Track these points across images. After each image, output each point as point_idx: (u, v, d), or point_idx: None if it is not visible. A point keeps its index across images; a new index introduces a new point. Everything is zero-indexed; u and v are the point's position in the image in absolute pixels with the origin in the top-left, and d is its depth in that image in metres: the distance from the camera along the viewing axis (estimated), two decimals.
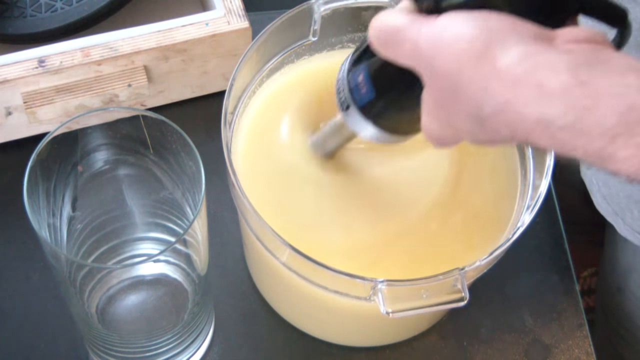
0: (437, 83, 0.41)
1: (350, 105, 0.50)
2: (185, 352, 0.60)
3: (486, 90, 0.38)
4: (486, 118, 0.39)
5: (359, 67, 0.48)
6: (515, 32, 0.38)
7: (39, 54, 0.65)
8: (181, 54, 0.68)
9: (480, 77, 0.38)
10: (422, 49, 0.40)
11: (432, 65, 0.40)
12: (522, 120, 0.37)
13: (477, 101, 0.39)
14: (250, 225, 0.54)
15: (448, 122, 0.42)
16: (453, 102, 0.40)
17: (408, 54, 0.41)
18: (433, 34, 0.40)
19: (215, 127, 0.55)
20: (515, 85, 0.37)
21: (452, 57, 0.39)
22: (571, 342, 0.66)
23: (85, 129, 0.51)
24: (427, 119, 0.43)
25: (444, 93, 0.41)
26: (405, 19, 0.41)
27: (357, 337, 0.65)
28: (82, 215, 0.55)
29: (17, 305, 0.64)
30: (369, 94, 0.48)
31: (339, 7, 0.60)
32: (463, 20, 0.39)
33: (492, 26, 0.38)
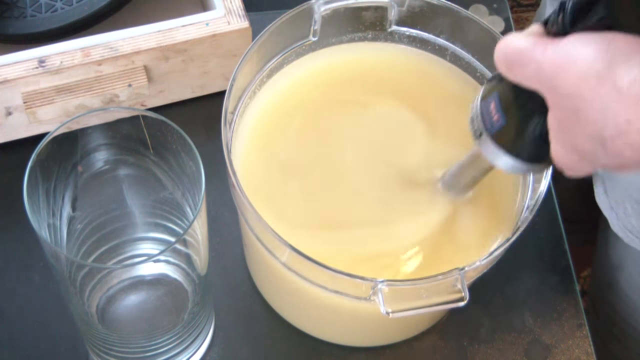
0: (560, 105, 0.41)
1: (483, 133, 0.50)
2: (185, 352, 0.60)
3: (607, 111, 0.38)
4: (608, 139, 0.39)
5: (491, 95, 0.48)
6: (638, 52, 0.38)
7: (39, 54, 0.65)
8: (181, 54, 0.68)
9: (601, 97, 0.38)
10: (545, 70, 0.41)
11: (555, 87, 0.40)
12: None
13: (598, 122, 0.39)
14: (250, 225, 0.54)
15: (572, 145, 0.42)
16: (575, 124, 0.40)
17: (532, 75, 0.42)
18: (556, 54, 0.40)
19: (216, 127, 0.55)
20: (636, 105, 0.37)
21: (573, 77, 0.39)
22: (571, 342, 0.66)
23: (85, 129, 0.51)
24: (554, 144, 0.43)
25: (566, 114, 0.41)
26: (530, 41, 0.42)
27: (357, 337, 0.65)
28: (82, 215, 0.55)
29: (17, 305, 0.64)
30: (500, 121, 0.48)
31: (339, 7, 0.60)
32: (587, 41, 0.39)
33: (615, 46, 0.38)
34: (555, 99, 0.41)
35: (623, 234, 0.69)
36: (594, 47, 0.39)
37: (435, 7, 0.61)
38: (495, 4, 0.81)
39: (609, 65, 0.38)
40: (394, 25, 0.63)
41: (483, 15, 0.79)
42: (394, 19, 0.62)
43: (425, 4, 0.60)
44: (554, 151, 0.44)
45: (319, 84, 0.62)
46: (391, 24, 0.63)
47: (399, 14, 0.62)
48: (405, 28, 0.63)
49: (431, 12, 0.61)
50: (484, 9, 0.80)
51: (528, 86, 0.43)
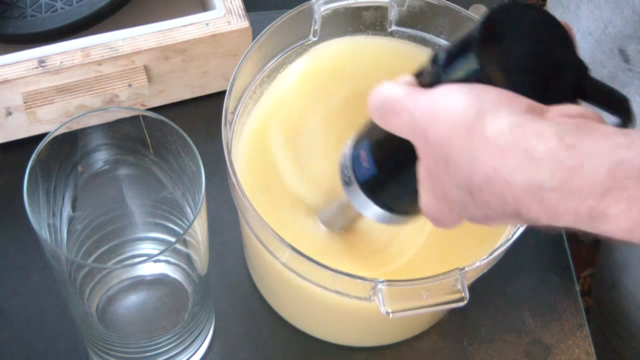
0: (430, 153, 0.41)
1: (352, 181, 0.49)
2: (185, 352, 0.60)
3: (475, 159, 0.38)
4: (476, 188, 0.39)
5: (362, 143, 0.48)
6: (507, 103, 0.38)
7: (39, 54, 0.65)
8: (181, 54, 0.68)
9: (470, 145, 0.38)
10: (417, 119, 0.41)
11: (425, 135, 0.40)
12: (510, 188, 0.37)
13: (466, 170, 0.39)
14: (251, 226, 0.54)
15: (442, 195, 0.42)
16: (445, 173, 0.40)
17: (405, 124, 0.42)
18: (428, 103, 0.40)
19: (216, 127, 0.55)
20: (502, 153, 0.37)
21: (444, 126, 0.39)
22: (571, 342, 0.66)
23: (85, 129, 0.51)
24: (423, 194, 0.43)
25: (436, 163, 0.41)
26: (404, 90, 0.42)
27: (357, 337, 0.65)
28: (82, 215, 0.55)
29: (17, 305, 0.64)
30: (370, 169, 0.48)
31: (339, 7, 0.60)
32: (457, 91, 0.40)
33: (486, 97, 0.39)
34: (425, 147, 0.41)
35: None
36: (465, 97, 0.39)
37: (435, 7, 0.61)
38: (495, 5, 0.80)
39: (478, 115, 0.38)
40: (394, 25, 0.63)
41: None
42: (394, 19, 0.62)
43: (426, 4, 0.60)
44: (423, 202, 0.44)
45: (319, 84, 0.62)
46: (391, 24, 0.62)
47: (399, 13, 0.62)
48: (406, 28, 0.63)
49: (431, 12, 0.61)
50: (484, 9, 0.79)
51: (400, 135, 0.42)
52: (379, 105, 0.43)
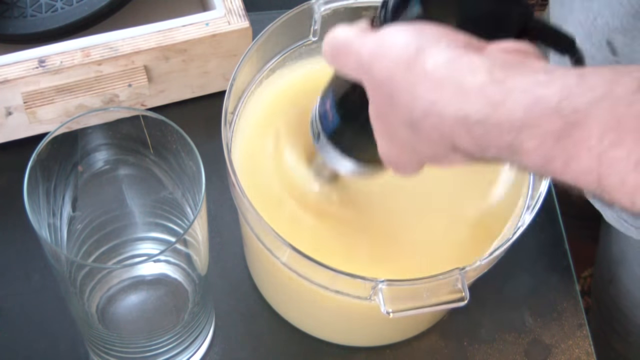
0: (376, 93, 0.42)
1: (320, 134, 0.51)
2: (185, 352, 0.60)
3: (414, 93, 0.39)
4: (417, 122, 0.40)
5: (326, 97, 0.50)
6: (447, 39, 0.40)
7: (39, 54, 0.65)
8: (181, 54, 0.68)
9: (410, 80, 0.40)
10: (364, 58, 0.42)
11: (371, 74, 0.42)
12: (444, 121, 0.39)
13: (407, 105, 0.40)
14: (251, 225, 0.54)
15: (390, 135, 0.43)
16: (390, 111, 0.42)
17: (353, 64, 0.43)
18: (374, 42, 0.42)
19: (216, 127, 0.55)
20: (438, 86, 0.39)
21: (387, 63, 0.41)
22: (571, 342, 0.66)
23: (85, 129, 0.51)
24: (377, 138, 0.45)
25: (382, 102, 0.42)
26: (354, 32, 0.44)
27: (357, 337, 0.65)
28: (82, 215, 0.55)
29: (17, 305, 0.64)
30: (334, 121, 0.49)
31: (340, 7, 0.60)
32: (400, 29, 0.41)
33: (426, 33, 0.40)
34: (372, 87, 0.42)
35: (618, 224, 0.69)
36: (406, 34, 0.41)
37: None
38: None
39: (417, 50, 0.40)
40: None
41: None
42: None
43: None
44: (379, 146, 0.45)
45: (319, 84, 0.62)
46: None
47: None
48: None
49: None
50: None
51: (351, 77, 0.44)
52: (331, 47, 0.44)
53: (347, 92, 0.47)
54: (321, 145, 0.51)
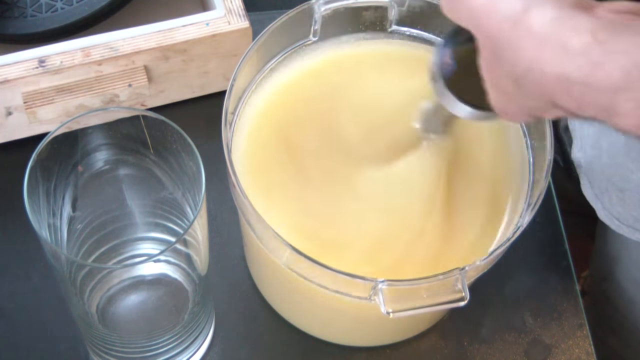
0: (485, 45, 0.44)
1: (438, 77, 0.52)
2: (185, 352, 0.60)
3: (519, 50, 0.41)
4: (520, 78, 0.41)
5: (448, 42, 0.51)
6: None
7: (40, 54, 0.65)
8: (181, 54, 0.68)
9: (515, 37, 0.41)
10: (473, 11, 0.43)
11: (480, 27, 0.43)
12: (546, 78, 0.40)
13: (512, 60, 0.41)
14: (251, 225, 0.54)
15: (497, 86, 0.45)
16: (497, 64, 0.43)
17: (465, 15, 0.45)
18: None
19: (216, 127, 0.55)
20: (541, 45, 0.40)
21: (495, 19, 0.42)
22: (571, 342, 0.66)
23: (85, 129, 0.51)
24: (487, 86, 0.46)
25: (490, 55, 0.44)
26: None
27: (357, 337, 0.65)
28: (82, 215, 0.55)
29: (17, 305, 0.64)
30: (452, 65, 0.50)
31: (340, 7, 0.60)
32: None
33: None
34: (482, 39, 0.44)
35: (610, 222, 0.70)
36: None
37: (435, 6, 0.61)
38: None
39: (525, 7, 0.41)
40: (394, 25, 0.63)
41: None
42: (394, 19, 0.62)
43: (426, 3, 0.60)
44: (489, 95, 0.46)
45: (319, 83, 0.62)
46: (391, 23, 0.63)
47: (399, 13, 0.62)
48: (406, 28, 0.63)
49: (432, 11, 0.61)
50: None
51: (463, 25, 0.45)
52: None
53: (462, 40, 0.49)
54: (438, 88, 0.52)
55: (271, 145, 0.60)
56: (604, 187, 0.68)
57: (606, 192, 0.68)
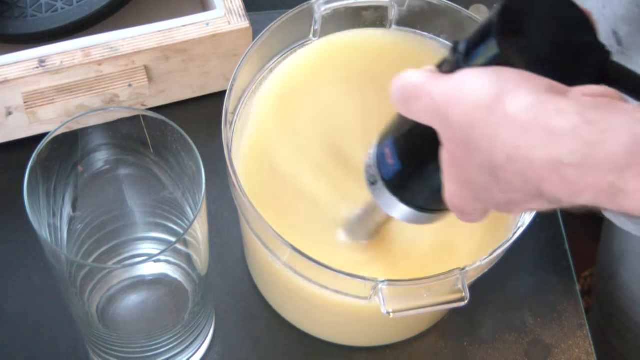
0: (451, 137, 0.41)
1: (378, 180, 0.49)
2: (185, 352, 0.60)
3: (496, 138, 0.38)
4: (498, 168, 0.39)
5: (386, 140, 0.48)
6: (528, 83, 0.38)
7: (40, 54, 0.65)
8: (182, 54, 0.68)
9: (490, 124, 0.38)
10: (437, 102, 0.41)
11: (446, 119, 0.40)
12: (531, 165, 0.37)
13: (487, 150, 0.39)
14: (251, 225, 0.54)
15: (464, 180, 0.42)
16: (467, 155, 0.40)
17: (425, 108, 0.42)
18: (449, 86, 0.40)
19: (216, 127, 0.55)
20: (523, 130, 0.37)
21: (464, 108, 0.39)
22: (571, 342, 0.66)
23: (85, 129, 0.51)
24: (447, 182, 0.43)
25: (458, 146, 0.41)
26: (425, 75, 0.42)
27: (357, 337, 0.65)
28: (82, 215, 0.55)
29: (17, 305, 0.64)
30: (395, 165, 0.47)
31: (340, 7, 0.60)
32: (477, 72, 0.40)
33: (506, 77, 0.39)
34: (447, 131, 0.41)
35: (615, 219, 0.70)
36: (485, 77, 0.39)
37: (435, 6, 0.61)
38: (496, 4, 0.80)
39: (498, 94, 0.38)
40: (395, 25, 0.63)
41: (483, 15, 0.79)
42: (395, 19, 0.62)
43: (426, 3, 0.60)
44: (447, 192, 0.44)
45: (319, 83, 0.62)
46: (391, 23, 0.62)
47: (399, 13, 0.62)
48: (406, 28, 0.63)
49: (431, 11, 0.61)
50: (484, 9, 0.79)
51: (422, 121, 0.42)
52: (400, 90, 0.43)
53: (411, 138, 0.46)
54: (377, 191, 0.49)
55: (271, 144, 0.60)
56: None
57: None
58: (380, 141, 0.49)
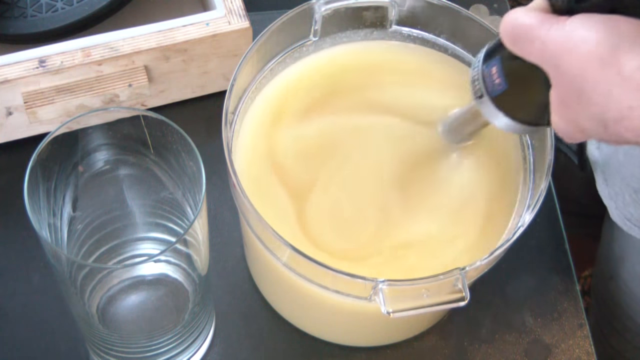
0: (563, 83, 0.42)
1: (484, 95, 0.51)
2: (185, 352, 0.60)
3: (610, 96, 0.39)
4: (610, 122, 0.40)
5: (494, 59, 0.50)
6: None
7: (40, 54, 0.65)
8: (182, 54, 0.68)
9: (605, 81, 0.39)
10: (549, 49, 0.41)
11: (558, 66, 0.41)
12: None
13: (601, 105, 0.39)
14: (251, 225, 0.54)
15: (573, 121, 0.43)
16: (578, 104, 0.41)
17: (536, 52, 0.43)
18: (561, 35, 0.41)
19: (216, 127, 0.55)
20: (638, 92, 0.38)
21: (577, 60, 0.40)
22: (572, 342, 0.66)
23: (85, 129, 0.51)
24: (554, 116, 0.45)
25: (569, 94, 0.42)
26: (536, 18, 0.43)
27: (357, 337, 0.65)
28: (82, 215, 0.55)
29: (17, 305, 0.64)
30: (501, 85, 0.49)
31: (340, 7, 0.60)
32: (592, 24, 0.40)
33: (621, 31, 0.39)
34: (558, 77, 0.42)
35: (622, 223, 0.70)
36: (599, 31, 0.39)
37: (435, 7, 0.61)
38: (496, 4, 0.81)
39: (613, 50, 0.39)
40: (395, 25, 0.63)
41: (484, 15, 0.79)
42: (395, 19, 0.62)
43: (426, 4, 0.60)
44: (554, 122, 0.45)
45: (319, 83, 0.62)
46: (392, 23, 0.63)
47: (399, 13, 0.62)
48: (406, 28, 0.63)
49: (432, 12, 0.61)
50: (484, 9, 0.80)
51: (531, 60, 0.44)
52: (511, 30, 0.44)
53: (520, 66, 0.47)
54: (483, 104, 0.51)
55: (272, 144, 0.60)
56: (619, 188, 0.68)
57: (620, 193, 0.68)
58: (486, 57, 0.51)
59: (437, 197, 0.58)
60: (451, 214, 0.58)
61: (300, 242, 0.53)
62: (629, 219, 0.69)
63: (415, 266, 0.56)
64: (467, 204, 0.58)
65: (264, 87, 0.62)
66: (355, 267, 0.53)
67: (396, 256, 0.57)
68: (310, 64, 0.63)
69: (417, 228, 0.57)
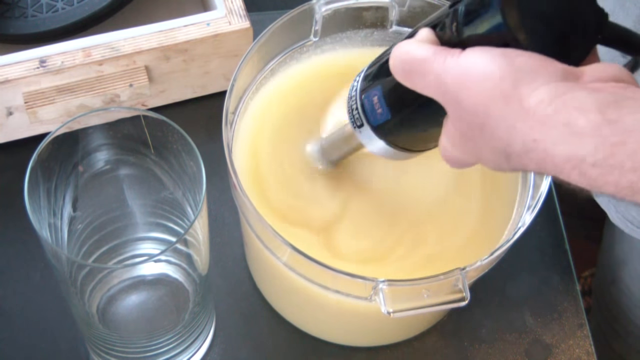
0: (463, 118, 0.41)
1: (364, 124, 0.50)
2: (185, 352, 0.60)
3: (514, 130, 0.38)
4: (513, 155, 0.39)
5: (374, 88, 0.48)
6: (542, 71, 0.38)
7: (40, 54, 0.65)
8: (182, 54, 0.68)
9: (509, 116, 0.38)
10: (446, 83, 0.41)
11: (457, 101, 0.40)
12: (551, 159, 0.38)
13: (505, 139, 0.39)
14: (251, 225, 0.54)
15: (473, 153, 0.42)
16: (480, 137, 0.41)
17: (432, 85, 0.42)
18: (459, 69, 0.40)
19: (216, 127, 0.55)
20: (544, 125, 0.37)
21: (479, 96, 0.39)
22: (572, 342, 0.66)
23: (86, 129, 0.51)
24: (449, 147, 0.44)
25: (470, 127, 0.41)
26: (429, 50, 0.42)
27: (357, 337, 0.65)
28: (83, 215, 0.55)
29: (17, 305, 0.64)
30: (384, 115, 0.48)
31: (340, 8, 0.60)
32: (490, 58, 0.39)
33: (520, 65, 0.39)
34: (458, 112, 0.41)
35: (623, 225, 0.69)
36: (499, 65, 0.39)
37: (436, 7, 0.61)
38: None
39: (515, 84, 0.38)
40: (395, 26, 0.63)
41: None
42: (395, 19, 0.62)
43: (427, 4, 0.60)
44: (447, 151, 0.44)
45: (319, 83, 0.62)
46: (392, 24, 0.63)
47: (400, 14, 0.62)
48: (407, 28, 0.63)
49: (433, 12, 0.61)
50: None
51: (425, 94, 0.42)
52: (402, 64, 0.43)
53: (405, 96, 0.46)
54: (361, 132, 0.50)
55: (272, 145, 0.60)
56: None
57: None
58: (366, 86, 0.49)
59: (438, 198, 0.58)
60: (452, 214, 0.58)
61: (300, 242, 0.53)
62: (630, 221, 0.69)
63: (416, 266, 0.56)
64: (468, 204, 0.58)
65: (264, 87, 0.62)
66: (356, 267, 0.53)
67: (397, 256, 0.57)
68: (310, 64, 0.63)
69: (418, 228, 0.57)
